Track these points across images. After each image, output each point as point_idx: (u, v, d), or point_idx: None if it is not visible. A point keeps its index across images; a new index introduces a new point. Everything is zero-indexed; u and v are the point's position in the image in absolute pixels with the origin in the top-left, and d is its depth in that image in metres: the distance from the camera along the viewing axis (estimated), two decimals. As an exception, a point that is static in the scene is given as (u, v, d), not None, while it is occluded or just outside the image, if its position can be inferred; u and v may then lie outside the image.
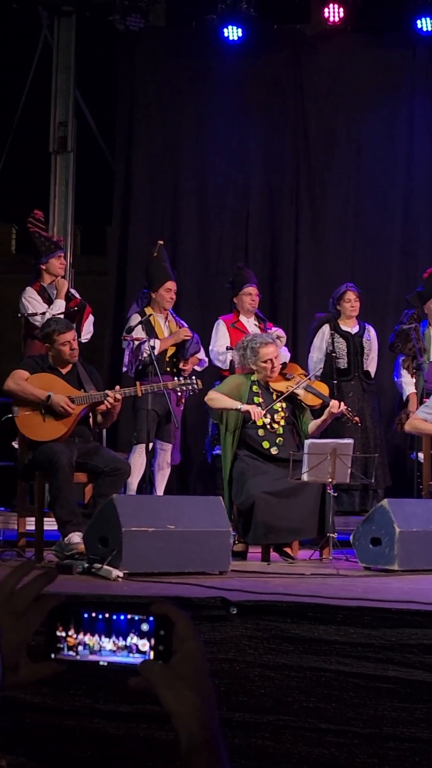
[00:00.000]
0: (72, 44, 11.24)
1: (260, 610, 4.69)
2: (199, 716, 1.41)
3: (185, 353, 9.13)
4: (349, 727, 3.85)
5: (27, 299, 9.09)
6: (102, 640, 1.49)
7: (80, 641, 1.50)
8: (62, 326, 7.46)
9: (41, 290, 9.13)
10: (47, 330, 7.48)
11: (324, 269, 11.23)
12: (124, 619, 1.48)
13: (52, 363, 7.47)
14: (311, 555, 7.62)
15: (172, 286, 9.29)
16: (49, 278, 9.21)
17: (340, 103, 11.37)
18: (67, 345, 7.39)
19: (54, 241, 9.44)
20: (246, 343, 8.00)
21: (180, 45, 11.47)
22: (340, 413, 7.92)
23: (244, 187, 11.41)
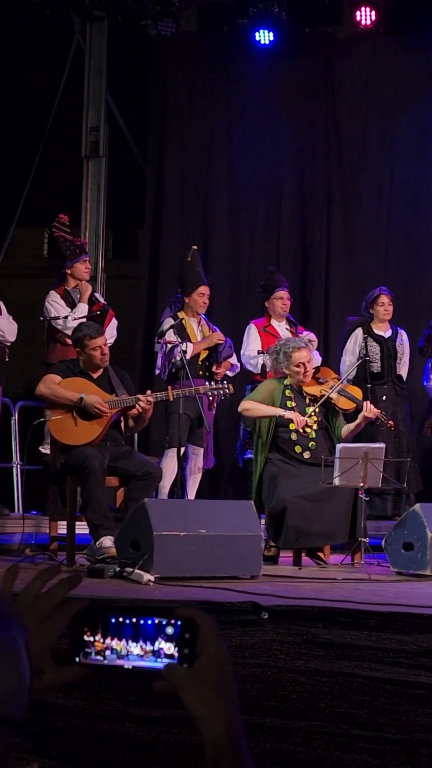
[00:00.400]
0: (104, 49, 11.25)
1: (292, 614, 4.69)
2: (224, 719, 1.41)
3: (218, 357, 9.12)
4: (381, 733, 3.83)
5: (50, 303, 9.11)
6: (129, 644, 1.49)
7: (108, 646, 1.50)
8: (93, 331, 7.47)
9: (65, 294, 9.15)
10: (78, 335, 7.50)
11: (356, 273, 11.20)
12: (151, 623, 1.48)
13: (83, 367, 7.48)
14: (343, 560, 7.59)
15: (205, 290, 9.29)
16: (74, 282, 9.22)
17: (372, 106, 11.34)
18: (98, 350, 7.40)
19: (79, 245, 9.44)
20: (279, 347, 7.99)
21: (211, 49, 11.47)
22: (374, 417, 7.88)
23: (275, 191, 11.40)
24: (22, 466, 9.68)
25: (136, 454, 7.66)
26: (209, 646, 1.44)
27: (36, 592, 1.52)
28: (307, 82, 11.37)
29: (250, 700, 4.06)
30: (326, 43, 11.44)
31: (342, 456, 7.21)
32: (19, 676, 1.30)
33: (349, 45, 11.38)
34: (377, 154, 11.32)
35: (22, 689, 1.29)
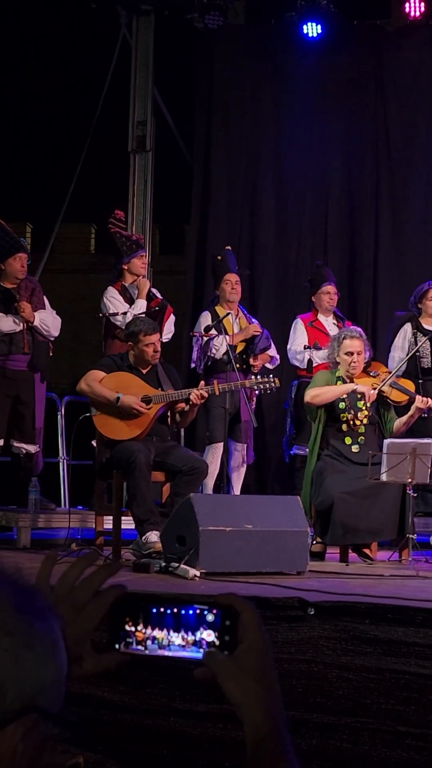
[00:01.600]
0: (150, 43, 11.25)
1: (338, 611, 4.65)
2: (264, 708, 1.39)
3: (254, 349, 9.08)
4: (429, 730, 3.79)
5: (108, 299, 9.10)
6: (170, 634, 1.47)
7: (149, 636, 1.48)
8: (149, 327, 7.46)
9: (123, 290, 9.14)
10: (133, 329, 7.49)
11: (404, 268, 11.12)
12: (192, 612, 1.46)
13: (132, 362, 7.47)
14: (390, 556, 7.54)
15: (231, 278, 9.27)
16: (131, 278, 9.22)
17: (422, 100, 11.24)
18: (151, 347, 7.40)
19: (135, 240, 9.45)
20: (336, 335, 8.03)
21: (259, 42, 11.43)
22: (427, 408, 7.83)
23: (323, 186, 11.34)
24: (68, 461, 9.70)
25: (182, 449, 7.65)
26: (250, 633, 1.42)
27: (73, 579, 1.51)
28: (355, 75, 11.30)
29: (296, 696, 4.03)
30: (375, 35, 11.36)
31: (390, 451, 7.16)
32: (57, 666, 1.28)
33: (398, 37, 11.30)
34: (426, 147, 11.22)
35: (59, 680, 1.28)
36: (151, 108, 11.32)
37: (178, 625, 1.47)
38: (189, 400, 7.31)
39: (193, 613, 1.46)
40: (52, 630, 1.29)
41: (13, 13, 12.05)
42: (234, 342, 9.02)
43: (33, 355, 8.63)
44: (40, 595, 1.32)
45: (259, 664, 1.41)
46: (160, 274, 13.14)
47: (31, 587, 1.31)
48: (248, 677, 1.40)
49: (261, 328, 9.16)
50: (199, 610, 1.45)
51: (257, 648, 1.41)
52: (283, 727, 1.39)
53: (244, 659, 1.41)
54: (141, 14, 11.21)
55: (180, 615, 1.47)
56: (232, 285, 9.27)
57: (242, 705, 1.39)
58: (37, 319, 8.59)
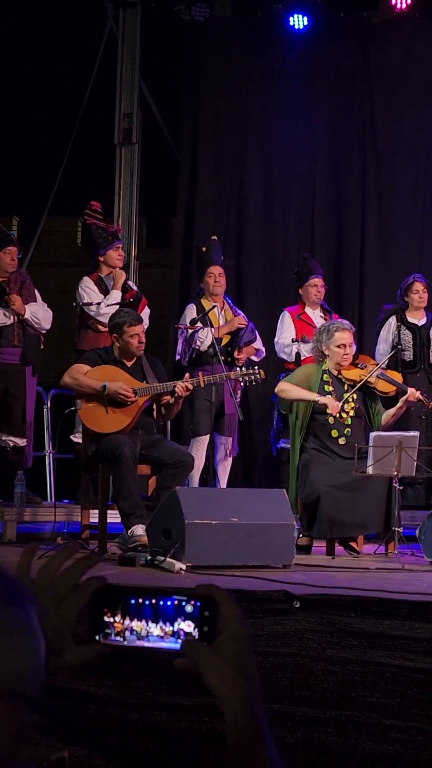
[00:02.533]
0: (137, 35, 11.20)
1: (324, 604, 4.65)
2: (243, 697, 1.39)
3: (239, 341, 9.06)
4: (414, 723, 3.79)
5: (83, 289, 9.09)
6: (149, 625, 1.46)
7: (128, 627, 1.48)
8: (133, 318, 7.45)
9: (98, 281, 9.13)
10: (117, 320, 7.48)
11: (391, 260, 11.11)
12: (170, 603, 1.45)
13: (117, 355, 7.46)
14: (376, 549, 7.54)
15: (213, 270, 9.25)
16: (107, 269, 9.20)
17: (409, 92, 11.23)
18: (135, 337, 7.39)
19: (112, 231, 9.42)
20: (323, 327, 7.99)
21: (245, 35, 11.40)
22: (416, 400, 7.82)
23: (310, 178, 11.32)
24: (54, 455, 9.69)
25: (168, 442, 7.63)
26: (229, 624, 1.41)
27: (53, 571, 1.51)
28: (342, 67, 11.28)
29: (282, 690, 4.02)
30: (361, 27, 11.34)
31: (376, 445, 7.16)
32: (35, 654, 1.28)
33: (385, 29, 11.28)
34: (413, 140, 11.22)
35: (38, 667, 1.28)
36: (138, 100, 11.28)
37: (156, 616, 1.46)
38: (174, 392, 7.30)
39: (172, 604, 1.45)
40: (31, 618, 1.29)
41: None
42: (219, 334, 9.00)
43: (24, 348, 8.62)
44: (18, 583, 1.32)
45: (238, 654, 1.40)
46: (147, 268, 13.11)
47: (9, 576, 1.31)
48: (228, 667, 1.39)
49: (246, 321, 9.14)
50: (177, 601, 1.45)
51: (237, 639, 1.41)
52: (262, 717, 1.39)
53: (224, 649, 1.40)
54: (128, 6, 11.16)
55: (159, 606, 1.46)
56: (215, 278, 9.25)
57: (221, 695, 1.38)
58: (27, 311, 8.58)
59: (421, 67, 11.16)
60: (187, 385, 7.31)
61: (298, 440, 7.72)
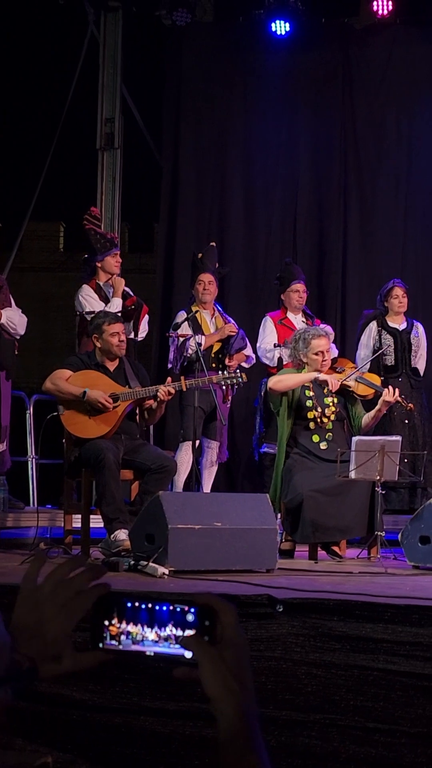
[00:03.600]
0: (118, 40, 11.20)
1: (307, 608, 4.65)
2: (237, 703, 1.40)
3: (230, 349, 9.09)
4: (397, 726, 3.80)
5: (84, 297, 9.07)
6: (145, 630, 1.47)
7: (123, 630, 1.49)
8: (111, 317, 7.48)
9: (98, 288, 9.12)
10: (97, 321, 7.50)
11: (373, 265, 11.14)
12: (168, 609, 1.47)
13: (99, 359, 7.46)
14: (359, 554, 7.55)
15: (204, 278, 9.26)
16: (105, 276, 9.20)
17: (390, 98, 11.27)
18: (115, 336, 7.39)
19: (109, 238, 9.44)
20: (298, 335, 7.98)
21: (227, 40, 11.42)
22: (394, 401, 7.82)
23: (292, 183, 11.34)
24: (36, 460, 9.67)
25: (151, 447, 7.64)
26: (228, 631, 1.43)
27: (59, 579, 1.53)
28: (324, 72, 11.31)
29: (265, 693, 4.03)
30: (343, 33, 11.37)
31: (358, 449, 7.17)
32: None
33: (366, 35, 11.31)
34: (394, 145, 11.26)
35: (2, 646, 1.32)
36: (120, 105, 11.28)
37: (157, 622, 1.47)
38: (156, 396, 7.31)
39: (172, 610, 1.46)
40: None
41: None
42: (209, 342, 9.03)
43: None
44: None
45: (236, 661, 1.42)
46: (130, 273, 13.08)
47: None
48: (224, 673, 1.41)
49: (237, 328, 9.17)
50: (179, 608, 1.46)
51: (235, 647, 1.43)
52: (255, 724, 1.41)
53: (223, 657, 1.42)
54: (109, 11, 11.16)
55: (159, 611, 1.47)
56: (204, 285, 9.26)
57: (216, 699, 1.40)
58: (3, 317, 8.56)
59: (402, 73, 11.20)
60: (169, 389, 7.32)
61: (284, 445, 7.73)
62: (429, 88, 11.14)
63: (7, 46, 12.10)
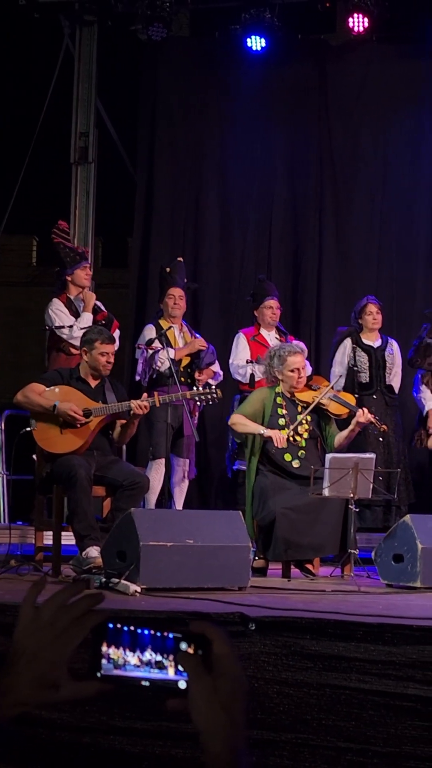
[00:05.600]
0: (94, 54, 11.19)
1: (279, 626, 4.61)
2: (226, 739, 1.37)
3: (200, 363, 9.05)
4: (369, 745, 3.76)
5: (54, 311, 9.02)
6: (143, 655, 1.45)
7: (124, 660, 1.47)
8: (106, 337, 7.42)
9: (68, 302, 9.08)
10: (90, 336, 7.44)
11: (348, 282, 11.14)
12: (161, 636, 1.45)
13: (82, 374, 7.40)
14: (332, 572, 7.51)
15: (174, 292, 9.23)
16: (75, 290, 9.16)
17: (365, 114, 11.29)
18: (105, 356, 7.35)
19: (79, 252, 9.40)
20: (273, 351, 7.94)
21: (203, 55, 11.42)
22: (367, 422, 7.79)
23: (266, 199, 11.34)
24: (8, 476, 9.59)
25: (124, 464, 7.58)
26: (224, 663, 1.41)
27: (57, 605, 1.50)
28: (300, 88, 11.33)
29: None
30: (319, 49, 11.40)
31: (332, 467, 7.13)
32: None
33: (342, 52, 11.34)
34: (369, 162, 11.27)
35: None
36: (94, 119, 11.26)
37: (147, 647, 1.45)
38: (129, 414, 7.26)
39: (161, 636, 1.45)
40: None
41: None
42: (179, 356, 8.98)
43: None
44: None
45: (231, 694, 1.39)
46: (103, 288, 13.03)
47: None
48: (217, 704, 1.38)
49: (206, 343, 9.14)
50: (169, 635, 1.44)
51: (231, 678, 1.40)
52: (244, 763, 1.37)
53: (216, 688, 1.39)
54: (84, 24, 11.14)
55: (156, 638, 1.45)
56: (175, 300, 9.23)
57: (205, 732, 1.37)
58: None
59: (377, 90, 11.22)
60: (144, 404, 7.26)
61: (254, 463, 7.69)
62: (404, 105, 11.17)
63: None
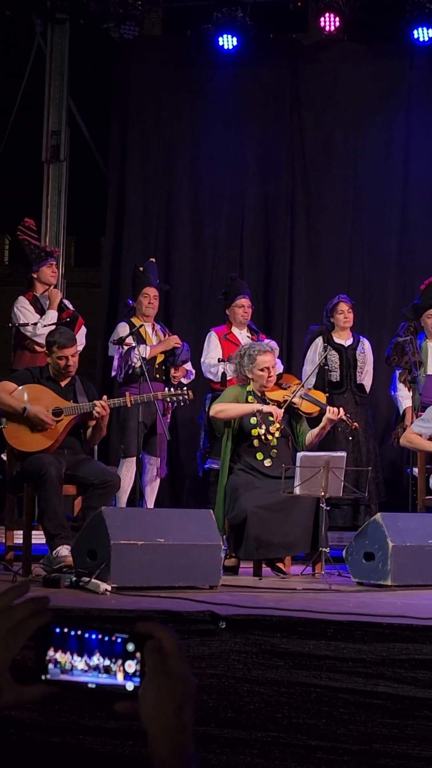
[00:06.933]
0: (66, 52, 11.17)
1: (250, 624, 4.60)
2: (173, 744, 1.36)
3: (176, 360, 9.06)
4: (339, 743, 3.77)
5: (19, 309, 9.01)
6: (91, 659, 1.44)
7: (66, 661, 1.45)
8: (65, 340, 7.36)
9: (34, 300, 9.06)
10: (50, 339, 7.44)
11: (319, 281, 11.16)
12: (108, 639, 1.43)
13: (51, 374, 7.38)
14: (303, 570, 7.52)
15: (149, 291, 9.24)
16: (42, 287, 9.14)
17: (337, 113, 11.32)
18: (63, 360, 7.31)
19: (46, 249, 9.38)
20: (243, 350, 7.92)
21: (175, 54, 11.43)
22: (338, 419, 7.80)
23: (239, 197, 11.35)
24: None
25: (95, 463, 7.56)
26: (172, 663, 1.39)
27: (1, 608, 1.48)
28: (272, 87, 11.34)
29: (208, 711, 3.98)
30: (291, 49, 11.42)
31: (303, 465, 7.14)
32: None
33: (314, 51, 11.37)
34: (341, 161, 11.30)
35: None
36: (66, 117, 11.24)
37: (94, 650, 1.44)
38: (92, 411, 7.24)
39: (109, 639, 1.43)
40: None
41: None
42: (154, 353, 8.99)
43: None
44: None
45: (181, 695, 1.38)
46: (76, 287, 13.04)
47: None
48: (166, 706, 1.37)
49: (181, 341, 9.15)
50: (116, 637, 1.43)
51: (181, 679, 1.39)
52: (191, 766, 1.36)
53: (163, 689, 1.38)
54: (56, 23, 11.12)
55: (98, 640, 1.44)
56: (150, 299, 9.23)
57: (153, 735, 1.36)
58: None
59: (349, 89, 11.26)
60: (105, 404, 7.22)
61: (227, 461, 7.69)
62: (375, 104, 11.21)
63: None
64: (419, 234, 11.10)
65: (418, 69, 11.13)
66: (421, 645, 4.30)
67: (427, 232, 11.11)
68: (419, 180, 11.11)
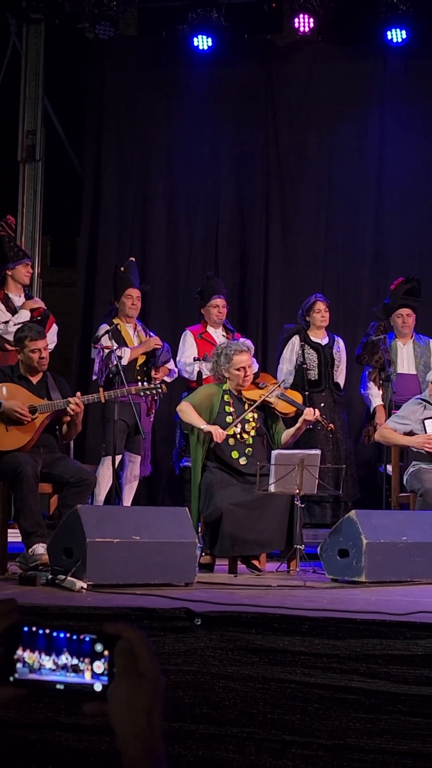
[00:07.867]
0: (41, 52, 11.16)
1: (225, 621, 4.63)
2: (142, 745, 1.37)
3: (156, 361, 9.09)
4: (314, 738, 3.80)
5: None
6: (59, 659, 1.45)
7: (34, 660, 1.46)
8: (35, 333, 7.41)
9: (5, 298, 9.08)
10: (20, 335, 7.45)
11: (294, 280, 11.20)
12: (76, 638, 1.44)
13: (22, 372, 7.40)
14: (278, 567, 7.55)
15: (132, 293, 9.26)
16: (15, 286, 9.15)
17: (311, 114, 11.36)
18: (36, 353, 7.33)
19: (23, 250, 9.41)
20: (220, 350, 7.94)
21: (150, 54, 11.44)
22: (314, 420, 7.84)
23: (214, 197, 11.38)
24: None
25: (70, 461, 7.58)
26: (142, 664, 1.40)
27: None
28: (246, 88, 11.38)
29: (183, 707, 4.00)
30: (265, 50, 11.45)
31: (278, 462, 7.17)
32: None
33: (288, 52, 11.41)
34: (316, 161, 11.35)
35: None
36: (41, 117, 11.23)
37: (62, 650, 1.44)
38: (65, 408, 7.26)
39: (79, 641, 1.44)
40: None
41: None
42: (134, 355, 9.01)
43: None
44: None
45: (150, 695, 1.38)
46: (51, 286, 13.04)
47: None
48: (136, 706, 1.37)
49: (161, 342, 9.17)
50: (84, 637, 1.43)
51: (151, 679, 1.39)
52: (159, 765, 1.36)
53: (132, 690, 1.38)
54: (31, 22, 11.11)
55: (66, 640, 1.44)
56: (133, 300, 9.25)
57: (122, 736, 1.37)
58: None
59: (323, 90, 11.30)
60: (78, 401, 7.25)
61: (200, 459, 7.71)
62: (350, 105, 11.26)
63: None
64: (393, 235, 11.16)
65: (392, 70, 11.19)
66: (394, 641, 4.35)
67: (401, 232, 11.18)
68: (393, 181, 11.17)
